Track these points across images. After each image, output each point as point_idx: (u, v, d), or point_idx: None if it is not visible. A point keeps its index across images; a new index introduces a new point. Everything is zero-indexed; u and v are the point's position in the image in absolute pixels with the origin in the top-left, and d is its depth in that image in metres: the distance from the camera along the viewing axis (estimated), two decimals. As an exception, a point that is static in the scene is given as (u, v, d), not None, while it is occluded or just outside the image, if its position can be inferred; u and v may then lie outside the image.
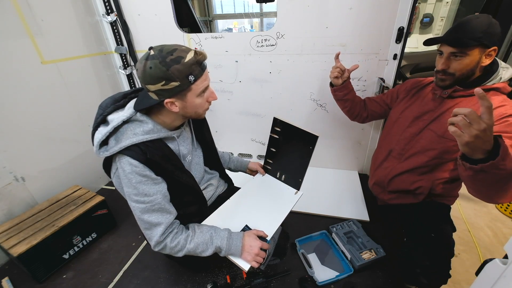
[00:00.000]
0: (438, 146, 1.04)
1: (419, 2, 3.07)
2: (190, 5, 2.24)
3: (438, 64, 0.99)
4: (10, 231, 1.29)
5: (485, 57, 0.92)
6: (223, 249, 0.89)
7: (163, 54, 0.73)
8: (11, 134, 1.40)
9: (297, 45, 1.62)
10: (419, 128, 1.11)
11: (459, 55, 0.92)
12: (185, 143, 0.97)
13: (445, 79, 0.99)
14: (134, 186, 0.80)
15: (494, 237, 1.61)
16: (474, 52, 0.90)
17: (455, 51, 0.92)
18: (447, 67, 0.96)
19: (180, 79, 0.75)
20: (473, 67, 0.94)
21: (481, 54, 0.91)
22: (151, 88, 0.76)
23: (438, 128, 1.04)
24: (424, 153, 1.09)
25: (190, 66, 0.75)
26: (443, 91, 1.04)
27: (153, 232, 0.85)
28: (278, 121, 1.07)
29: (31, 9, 1.42)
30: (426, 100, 1.12)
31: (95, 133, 0.82)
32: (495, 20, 0.89)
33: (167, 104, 0.79)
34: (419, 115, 1.12)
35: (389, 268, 1.26)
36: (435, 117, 1.06)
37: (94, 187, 1.95)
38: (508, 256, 0.55)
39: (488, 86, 0.95)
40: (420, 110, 1.12)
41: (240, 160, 1.33)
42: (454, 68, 0.95)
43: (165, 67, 0.72)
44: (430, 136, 1.07)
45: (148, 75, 0.74)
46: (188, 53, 0.76)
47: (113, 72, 2.00)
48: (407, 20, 1.38)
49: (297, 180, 1.16)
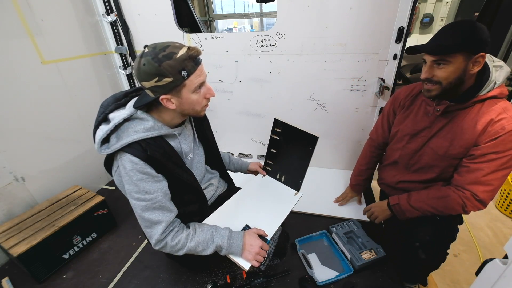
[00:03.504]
0: (441, 163, 1.03)
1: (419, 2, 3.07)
2: (190, 5, 2.23)
3: (422, 73, 0.94)
4: (10, 231, 1.29)
5: (472, 65, 0.86)
6: (223, 248, 0.89)
7: (156, 50, 0.74)
8: (11, 134, 1.40)
9: (297, 45, 1.62)
10: (419, 145, 1.09)
11: (442, 63, 0.87)
12: (186, 140, 0.97)
13: (431, 89, 0.93)
14: (134, 183, 0.80)
15: (494, 237, 1.61)
16: (457, 60, 0.85)
17: (436, 59, 0.87)
18: (431, 76, 0.91)
19: (173, 74, 0.74)
20: (460, 75, 0.87)
21: (466, 61, 0.85)
22: (146, 85, 0.77)
23: (438, 148, 1.02)
24: (430, 169, 1.08)
25: (182, 61, 0.75)
26: (435, 108, 0.99)
27: (154, 230, 0.85)
28: (279, 122, 1.08)
29: (31, 9, 1.42)
30: (421, 115, 1.08)
31: (96, 131, 0.83)
32: (480, 25, 0.84)
33: (162, 100, 0.79)
34: (416, 133, 1.09)
35: (389, 268, 1.26)
36: (433, 133, 1.04)
37: (94, 187, 1.95)
38: (508, 256, 0.55)
39: (483, 96, 0.90)
40: (416, 127, 1.09)
41: (240, 162, 1.33)
42: (439, 77, 0.89)
43: (157, 63, 0.72)
44: (432, 154, 1.05)
45: (142, 72, 0.75)
46: (181, 49, 0.76)
47: (113, 72, 2.00)
48: (407, 20, 1.38)
49: (297, 181, 1.16)
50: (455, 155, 0.98)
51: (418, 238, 1.04)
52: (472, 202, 0.94)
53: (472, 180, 0.93)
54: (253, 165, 1.30)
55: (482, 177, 0.91)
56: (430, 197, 1.03)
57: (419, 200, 1.05)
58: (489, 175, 0.90)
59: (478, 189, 0.92)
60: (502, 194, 1.82)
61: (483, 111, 0.91)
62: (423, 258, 1.03)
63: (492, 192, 0.92)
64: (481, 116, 0.90)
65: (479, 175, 0.91)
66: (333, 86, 1.70)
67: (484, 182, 0.91)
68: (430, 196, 1.03)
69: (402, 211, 1.11)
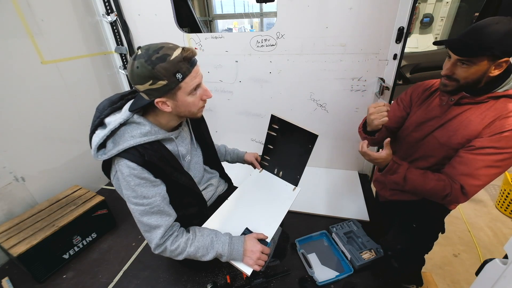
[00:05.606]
0: (438, 153, 1.03)
1: (419, 2, 3.07)
2: (190, 5, 2.24)
3: (444, 68, 0.93)
4: (10, 231, 1.29)
5: (494, 67, 0.84)
6: (224, 255, 0.89)
7: (149, 52, 0.72)
8: (11, 134, 1.40)
9: (297, 45, 1.62)
10: (424, 133, 1.08)
11: (466, 63, 0.86)
12: (183, 143, 0.96)
13: (448, 84, 0.94)
14: (132, 188, 0.80)
15: (494, 237, 1.61)
16: (482, 62, 0.83)
17: (461, 58, 0.86)
18: (451, 73, 0.91)
19: (167, 77, 0.72)
20: (479, 76, 0.87)
21: (489, 64, 0.84)
22: (140, 88, 0.75)
23: (441, 135, 1.01)
24: (425, 159, 1.08)
25: (176, 64, 0.73)
26: (449, 97, 0.99)
27: (153, 235, 0.84)
28: (276, 119, 1.07)
29: (31, 9, 1.42)
30: (433, 106, 1.08)
31: (92, 136, 0.82)
32: None
33: (158, 103, 0.78)
34: (425, 121, 1.09)
35: (389, 268, 1.26)
36: (441, 123, 1.03)
37: (94, 187, 1.94)
38: (508, 256, 0.55)
39: (499, 93, 0.89)
40: (426, 115, 1.08)
41: (236, 152, 1.33)
42: (459, 75, 0.89)
43: (151, 66, 0.70)
44: (433, 143, 1.04)
45: (135, 75, 0.73)
46: (175, 51, 0.73)
47: (113, 72, 2.00)
48: (407, 20, 1.38)
49: (295, 177, 1.16)
50: (455, 145, 0.96)
51: (391, 247, 1.07)
52: (457, 193, 0.92)
53: (463, 171, 0.91)
54: (249, 156, 1.28)
55: (474, 170, 0.89)
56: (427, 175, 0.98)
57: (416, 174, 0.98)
58: (482, 169, 0.88)
59: (467, 182, 0.90)
60: (502, 194, 1.82)
61: (495, 107, 0.89)
62: (396, 266, 1.06)
63: (478, 188, 0.91)
64: (491, 112, 0.89)
65: (472, 167, 0.89)
66: (333, 86, 1.70)
67: (475, 176, 0.89)
68: (428, 174, 0.98)
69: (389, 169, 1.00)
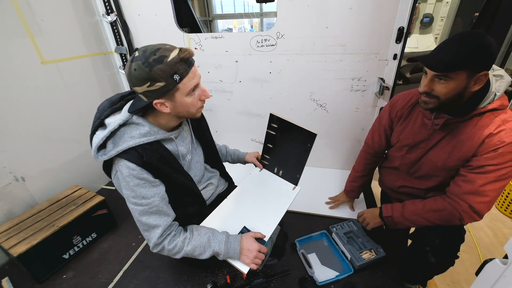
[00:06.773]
0: (440, 173, 1.02)
1: (419, 2, 3.07)
2: (190, 5, 2.23)
3: (422, 85, 0.90)
4: (10, 231, 1.29)
5: (473, 82, 0.81)
6: (221, 253, 0.90)
7: (146, 54, 0.72)
8: (11, 134, 1.40)
9: (297, 45, 1.62)
10: (418, 155, 1.08)
11: (443, 78, 0.83)
12: (184, 142, 0.97)
13: (429, 101, 0.90)
14: (131, 189, 0.80)
15: (494, 237, 1.61)
16: (460, 77, 0.80)
17: (438, 74, 0.83)
18: (430, 90, 0.87)
19: (165, 79, 0.73)
20: (459, 92, 0.84)
21: (468, 78, 0.80)
22: (138, 90, 0.76)
23: (437, 159, 1.00)
24: (431, 178, 1.07)
25: (174, 65, 0.73)
26: (433, 122, 0.97)
27: (151, 234, 0.86)
28: (275, 117, 1.07)
29: (31, 9, 1.42)
30: (418, 126, 1.06)
31: (93, 137, 0.83)
32: (489, 40, 0.76)
33: (156, 105, 0.78)
34: (414, 144, 1.08)
35: (389, 268, 1.26)
36: (431, 146, 1.02)
37: (94, 187, 1.94)
38: (508, 256, 0.55)
39: (482, 110, 0.87)
40: (414, 139, 1.07)
41: (237, 153, 1.33)
42: (438, 92, 0.85)
43: (148, 67, 0.71)
44: (431, 164, 1.04)
45: (133, 77, 0.73)
46: (172, 52, 0.73)
47: (113, 72, 2.00)
48: (407, 20, 1.38)
49: (295, 176, 1.16)
50: (453, 167, 0.97)
51: (428, 242, 1.01)
52: (468, 214, 0.91)
53: (468, 190, 0.90)
54: (250, 157, 1.29)
55: (479, 187, 0.88)
56: (426, 210, 1.01)
57: (414, 213, 1.04)
58: (486, 185, 0.87)
59: (474, 200, 0.89)
60: (502, 194, 1.82)
61: (481, 124, 0.88)
62: (433, 262, 1.00)
63: (488, 204, 0.90)
64: (479, 129, 0.88)
65: (476, 185, 0.88)
66: (333, 86, 1.70)
67: (481, 193, 0.88)
68: (426, 209, 1.01)
69: (394, 222, 1.10)
